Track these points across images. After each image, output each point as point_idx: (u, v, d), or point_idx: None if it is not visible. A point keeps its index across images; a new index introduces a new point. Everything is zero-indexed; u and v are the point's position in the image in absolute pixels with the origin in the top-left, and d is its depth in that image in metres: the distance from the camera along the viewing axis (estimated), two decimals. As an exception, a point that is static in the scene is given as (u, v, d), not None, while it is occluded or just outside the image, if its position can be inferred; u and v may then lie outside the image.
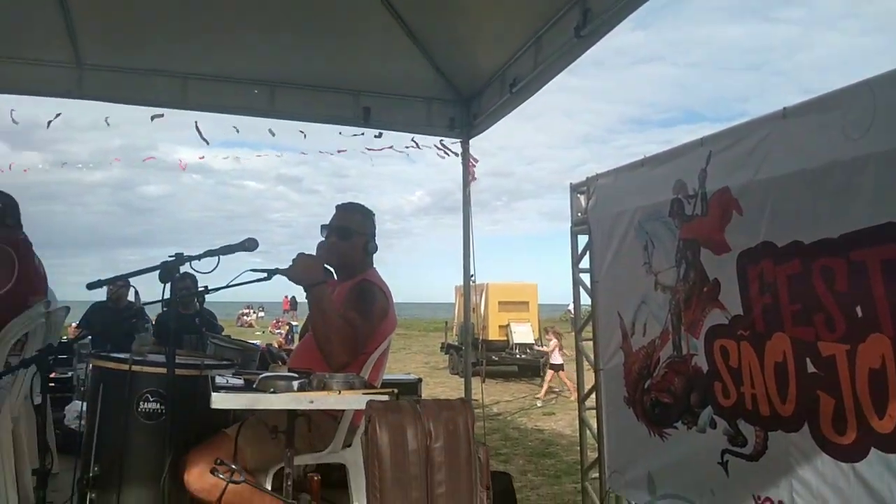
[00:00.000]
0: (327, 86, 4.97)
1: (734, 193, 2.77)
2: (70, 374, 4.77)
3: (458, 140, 5.13)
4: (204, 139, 5.11)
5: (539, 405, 10.75)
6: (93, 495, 2.41)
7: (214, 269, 2.52)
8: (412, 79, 4.85)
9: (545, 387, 11.47)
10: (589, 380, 3.99)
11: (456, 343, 15.70)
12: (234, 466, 2.10)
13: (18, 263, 3.10)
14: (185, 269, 2.44)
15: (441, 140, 5.16)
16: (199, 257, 2.45)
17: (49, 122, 4.98)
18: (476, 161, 5.16)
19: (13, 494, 2.90)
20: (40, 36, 4.34)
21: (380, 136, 5.17)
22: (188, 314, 5.25)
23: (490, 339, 14.67)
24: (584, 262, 4.00)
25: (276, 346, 7.94)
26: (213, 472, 2.09)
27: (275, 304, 34.44)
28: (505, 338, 14.74)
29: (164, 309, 2.46)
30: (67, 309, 3.46)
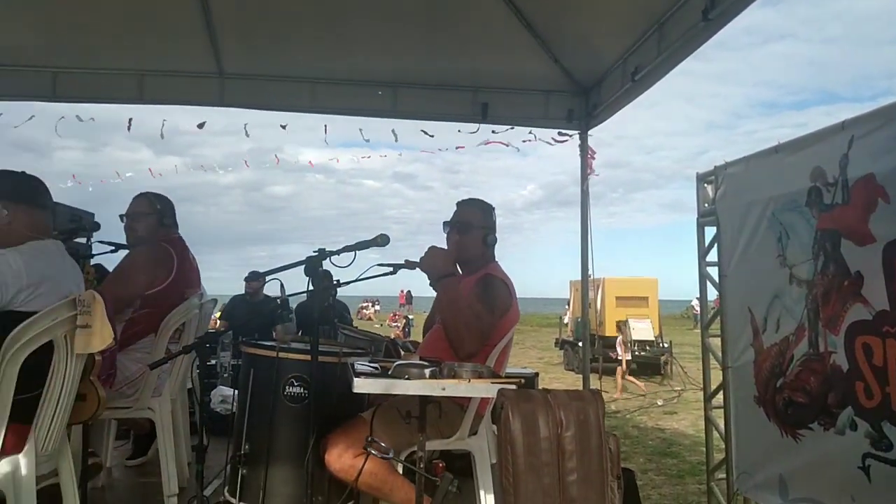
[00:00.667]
0: (447, 84, 5.11)
1: (879, 180, 2.61)
2: (214, 361, 5.21)
3: (577, 132, 5.12)
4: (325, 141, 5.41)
5: (660, 404, 10.48)
6: (244, 471, 2.66)
7: (351, 263, 2.71)
8: (530, 72, 4.90)
9: (619, 383, 11.43)
10: (715, 378, 3.88)
11: (571, 339, 15.56)
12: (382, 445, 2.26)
13: (177, 260, 3.45)
14: (324, 263, 2.65)
15: (559, 132, 5.17)
16: (338, 252, 2.65)
17: (201, 125, 5.42)
18: (594, 153, 5.13)
19: (172, 467, 3.25)
20: (188, 51, 4.76)
21: (498, 131, 5.25)
22: (328, 305, 5.60)
23: (606, 335, 14.44)
24: (711, 255, 3.89)
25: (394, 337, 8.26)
26: (367, 446, 2.25)
27: (391, 298, 35.50)
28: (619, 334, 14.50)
29: (307, 300, 2.66)
30: (215, 301, 3.80)
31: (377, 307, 39.11)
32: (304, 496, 2.44)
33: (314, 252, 2.55)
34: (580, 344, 8.42)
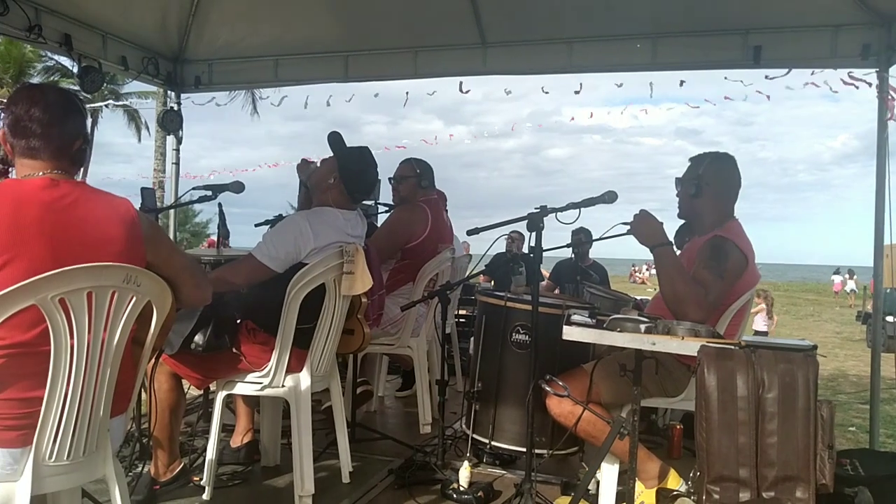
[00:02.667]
0: (711, 29, 4.79)
1: None
2: (474, 311, 5.70)
3: (874, 70, 4.43)
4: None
5: None
6: (476, 406, 2.99)
7: (575, 220, 2.81)
8: (814, 5, 4.37)
9: None
10: None
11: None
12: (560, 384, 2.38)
13: (431, 218, 3.91)
14: (549, 220, 2.78)
15: (849, 72, 4.53)
16: (562, 209, 2.77)
17: (466, 90, 5.86)
18: (896, 94, 4.40)
19: (426, 399, 3.74)
20: (453, 25, 5.18)
21: (772, 76, 4.78)
22: (580, 265, 5.77)
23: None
24: None
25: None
26: (542, 383, 2.40)
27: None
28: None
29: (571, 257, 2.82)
30: (469, 257, 4.20)
31: (651, 271, 37.66)
32: (527, 435, 2.67)
33: (536, 208, 2.71)
34: (890, 319, 7.27)
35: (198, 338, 2.71)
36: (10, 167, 2.13)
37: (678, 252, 2.87)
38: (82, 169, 2.03)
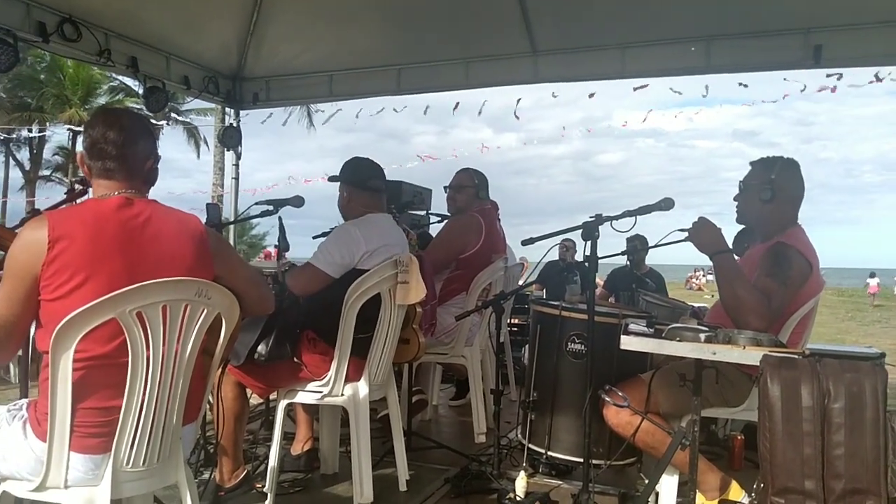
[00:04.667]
0: (769, 30, 4.70)
1: None
2: (528, 321, 5.70)
3: (944, 68, 4.28)
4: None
5: None
6: (532, 416, 2.99)
7: (631, 228, 2.80)
8: (876, 1, 4.25)
9: None
10: None
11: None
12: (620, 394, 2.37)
13: (485, 228, 3.95)
14: (603, 227, 2.78)
15: (918, 70, 4.38)
16: (617, 217, 2.76)
17: (518, 99, 5.92)
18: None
19: (481, 408, 3.76)
20: (504, 35, 5.22)
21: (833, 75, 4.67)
22: (635, 273, 5.70)
23: None
24: None
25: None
26: (602, 393, 2.39)
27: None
28: None
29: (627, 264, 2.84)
30: (521, 265, 4.21)
31: (708, 276, 36.64)
32: (584, 445, 2.66)
33: (591, 217, 2.72)
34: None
35: (261, 347, 2.82)
36: (88, 187, 2.25)
37: (738, 259, 2.82)
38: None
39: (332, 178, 3.24)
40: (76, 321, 1.67)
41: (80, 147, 2.02)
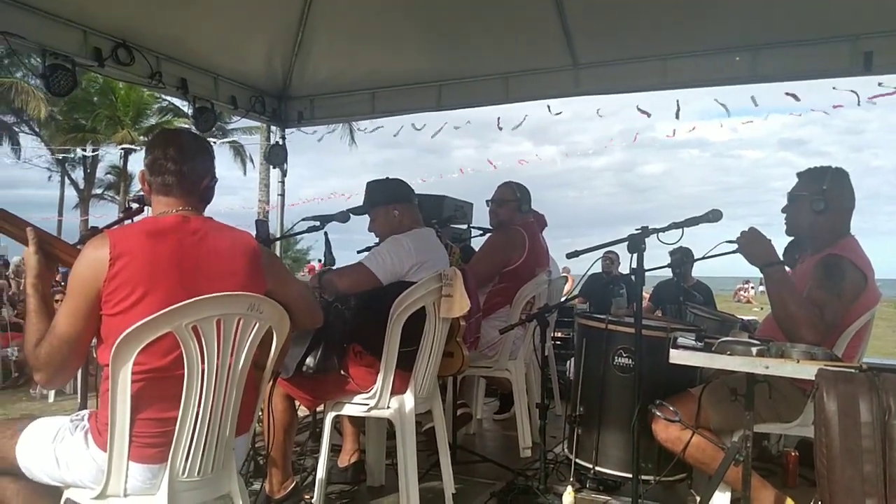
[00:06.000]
0: (817, 38, 4.61)
1: None
2: (571, 334, 5.64)
3: None
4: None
5: None
6: (579, 430, 2.97)
7: (678, 241, 2.77)
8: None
9: None
10: None
11: None
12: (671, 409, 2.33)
13: (528, 242, 3.95)
14: (651, 241, 2.75)
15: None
16: (664, 229, 2.73)
17: (557, 112, 5.90)
18: None
19: (526, 422, 3.74)
20: (544, 49, 5.22)
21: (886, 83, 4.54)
22: (682, 286, 5.61)
23: None
24: None
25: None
26: (652, 408, 2.35)
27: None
28: None
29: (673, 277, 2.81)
30: (565, 278, 4.18)
31: (761, 288, 35.66)
32: (632, 460, 2.62)
33: (637, 229, 2.69)
34: None
35: (309, 360, 2.86)
36: (144, 206, 2.33)
37: (789, 271, 2.77)
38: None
39: (361, 209, 3.26)
40: (134, 335, 1.73)
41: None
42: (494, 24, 5.01)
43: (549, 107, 5.64)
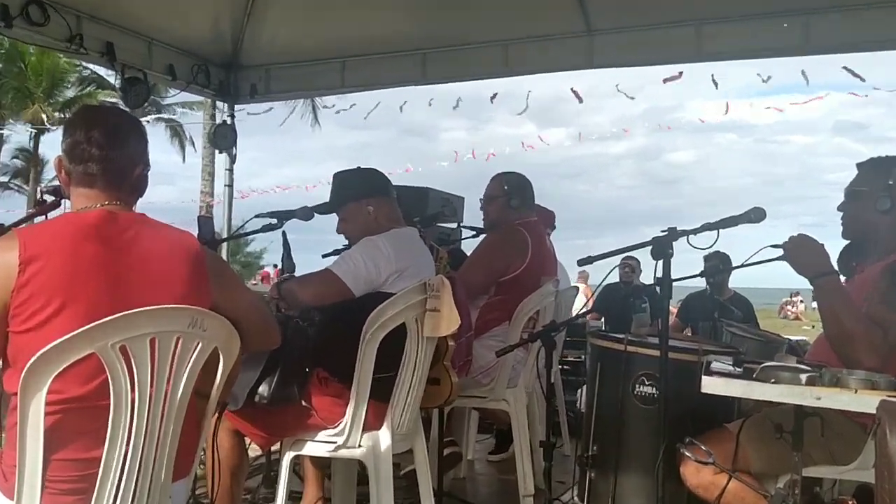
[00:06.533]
0: (882, 1, 4.67)
1: None
2: (583, 357, 5.66)
3: None
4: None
5: None
6: (592, 474, 2.99)
7: (712, 245, 2.80)
8: None
9: None
10: None
11: None
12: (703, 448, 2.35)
13: (532, 245, 3.95)
14: (680, 245, 2.78)
15: None
16: (695, 231, 2.76)
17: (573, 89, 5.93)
18: None
19: (528, 464, 3.75)
20: (552, 11, 5.26)
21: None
22: (717, 299, 5.65)
23: None
24: None
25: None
26: (682, 449, 2.37)
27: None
28: None
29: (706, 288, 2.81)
30: (576, 289, 4.21)
31: (812, 304, 35.91)
32: (656, 511, 2.64)
33: (662, 231, 2.72)
34: None
35: (262, 389, 2.84)
36: (61, 199, 2.32)
37: (845, 282, 2.80)
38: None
39: (328, 207, 3.28)
40: (49, 356, 1.71)
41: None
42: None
43: (572, 89, 5.66)
